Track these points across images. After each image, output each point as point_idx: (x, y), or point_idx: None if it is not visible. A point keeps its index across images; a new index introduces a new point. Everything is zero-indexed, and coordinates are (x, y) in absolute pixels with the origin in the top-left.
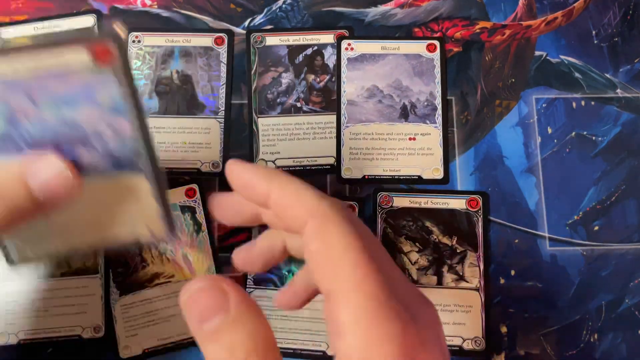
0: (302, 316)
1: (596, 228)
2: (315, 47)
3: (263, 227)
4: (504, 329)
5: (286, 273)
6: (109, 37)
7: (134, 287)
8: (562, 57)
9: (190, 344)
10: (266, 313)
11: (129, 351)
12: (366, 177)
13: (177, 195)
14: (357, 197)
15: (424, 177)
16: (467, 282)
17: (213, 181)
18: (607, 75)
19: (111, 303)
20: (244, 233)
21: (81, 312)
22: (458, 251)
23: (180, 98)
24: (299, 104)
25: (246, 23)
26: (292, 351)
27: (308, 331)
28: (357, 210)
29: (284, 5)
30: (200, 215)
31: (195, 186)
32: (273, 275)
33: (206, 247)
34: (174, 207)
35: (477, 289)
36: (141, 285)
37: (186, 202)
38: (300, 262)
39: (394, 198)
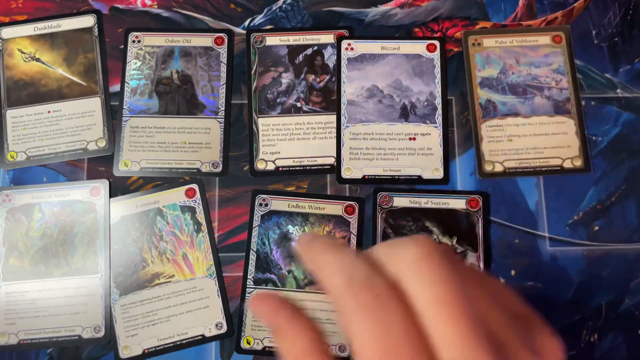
0: None
1: (596, 228)
2: (315, 47)
3: None
4: None
5: (286, 273)
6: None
7: (134, 287)
8: None
9: (190, 344)
10: None
11: (129, 351)
12: (366, 177)
13: (177, 195)
14: (357, 197)
15: (424, 177)
16: None
17: (213, 181)
18: (607, 75)
19: (111, 303)
20: (243, 233)
21: (81, 312)
22: (458, 251)
23: (180, 98)
24: (299, 104)
25: (246, 23)
26: None
27: None
28: (357, 210)
29: (284, 5)
30: (201, 215)
31: (195, 186)
32: (273, 275)
33: (206, 247)
34: (174, 207)
35: None
36: (141, 285)
37: (186, 202)
38: (300, 262)
39: (394, 198)
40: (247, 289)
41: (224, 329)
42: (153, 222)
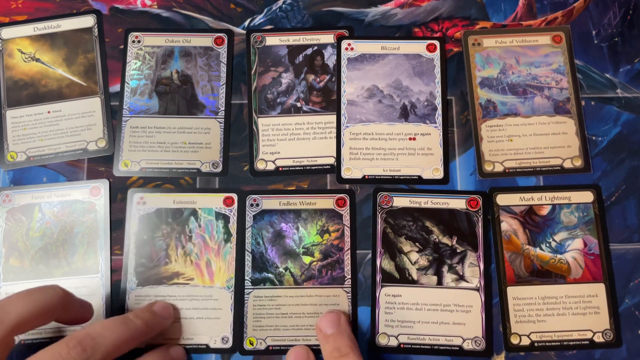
0: (303, 312)
1: None
2: (315, 47)
3: None
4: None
5: (283, 271)
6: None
7: (152, 280)
8: None
9: (192, 350)
10: (266, 312)
11: None
12: (366, 177)
13: (215, 201)
14: (347, 189)
15: (424, 177)
16: (467, 282)
17: (213, 181)
18: (607, 75)
19: (128, 290)
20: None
21: None
22: (458, 251)
23: (180, 98)
24: (299, 104)
25: (246, 23)
26: None
27: (310, 326)
28: (348, 202)
29: (284, 5)
30: (233, 226)
31: (234, 196)
32: (270, 274)
33: (231, 258)
34: (209, 212)
35: (477, 289)
36: (159, 280)
37: (222, 209)
38: (296, 259)
39: (394, 198)
40: (245, 289)
41: (229, 344)
42: (186, 222)
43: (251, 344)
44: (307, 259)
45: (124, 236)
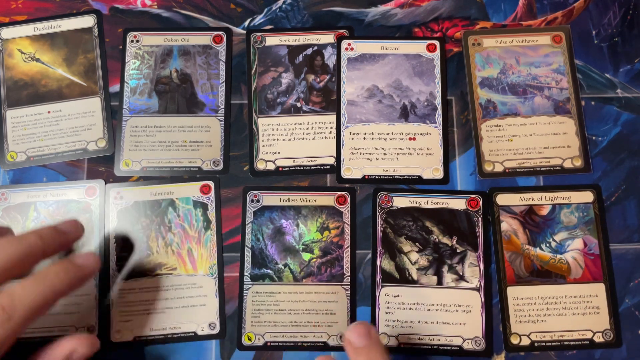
0: (302, 309)
1: None
2: (315, 47)
3: None
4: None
5: (282, 267)
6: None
7: (135, 273)
8: None
9: (181, 339)
10: (265, 307)
11: (120, 335)
12: (366, 177)
13: (192, 190)
14: (348, 187)
15: (424, 177)
16: (467, 282)
17: (214, 179)
18: (607, 75)
19: (110, 286)
20: (238, 235)
21: (75, 312)
22: (458, 251)
23: (179, 97)
24: (299, 104)
25: (246, 23)
26: (293, 344)
27: (309, 323)
28: (348, 199)
29: (284, 5)
30: (212, 213)
31: (211, 183)
32: (269, 270)
33: (212, 245)
34: (187, 201)
35: (477, 289)
36: (142, 272)
37: (200, 197)
38: (295, 255)
39: (394, 198)
40: (244, 286)
41: (217, 329)
42: (164, 213)
43: (249, 339)
44: (306, 256)
45: (104, 232)
